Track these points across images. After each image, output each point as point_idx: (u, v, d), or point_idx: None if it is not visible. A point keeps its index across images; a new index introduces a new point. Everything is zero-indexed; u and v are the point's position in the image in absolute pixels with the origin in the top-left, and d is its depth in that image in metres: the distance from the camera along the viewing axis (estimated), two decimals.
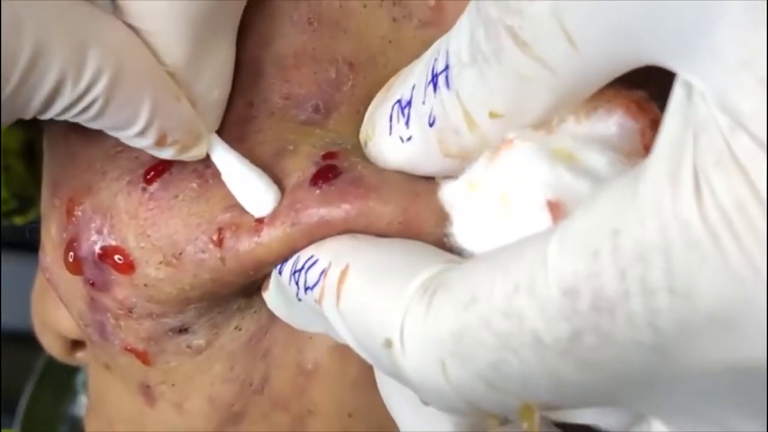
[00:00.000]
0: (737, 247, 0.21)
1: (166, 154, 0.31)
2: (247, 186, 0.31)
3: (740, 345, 0.22)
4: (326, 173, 0.31)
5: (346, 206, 0.30)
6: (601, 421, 0.27)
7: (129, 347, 0.35)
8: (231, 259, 0.32)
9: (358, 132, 0.32)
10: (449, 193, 0.29)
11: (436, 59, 0.28)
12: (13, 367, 0.66)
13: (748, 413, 0.23)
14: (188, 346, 0.35)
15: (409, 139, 0.29)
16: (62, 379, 0.61)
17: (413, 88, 0.29)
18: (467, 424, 0.29)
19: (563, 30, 0.24)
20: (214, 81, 0.31)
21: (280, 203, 0.31)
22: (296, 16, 0.32)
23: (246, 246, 0.31)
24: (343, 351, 0.34)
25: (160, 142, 0.30)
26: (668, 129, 0.23)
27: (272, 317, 0.34)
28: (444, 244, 0.29)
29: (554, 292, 0.23)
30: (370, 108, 0.32)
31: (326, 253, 0.29)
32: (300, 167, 0.32)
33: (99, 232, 0.33)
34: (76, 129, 0.33)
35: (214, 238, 0.32)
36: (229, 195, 0.32)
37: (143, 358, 0.35)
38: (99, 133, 0.31)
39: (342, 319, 0.28)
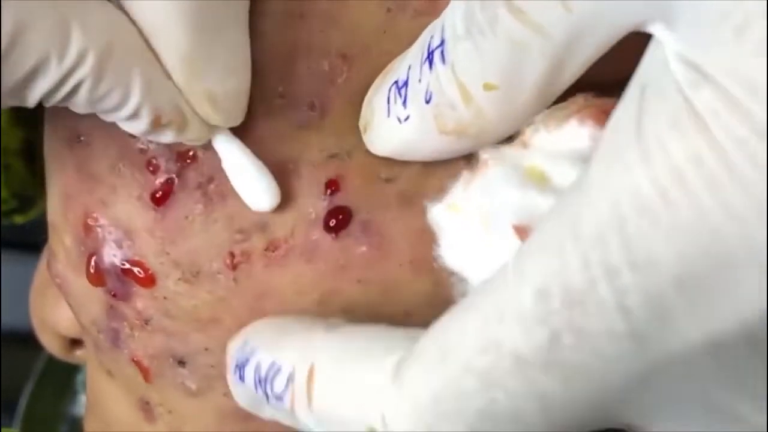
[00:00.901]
0: (692, 204, 0.21)
1: (166, 137, 0.30)
2: (249, 179, 0.31)
3: (717, 313, 0.21)
4: (336, 215, 0.31)
5: (362, 251, 0.31)
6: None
7: (136, 359, 0.35)
8: (244, 281, 0.32)
9: (353, 126, 0.32)
10: (435, 215, 0.29)
11: (432, 36, 0.28)
12: (13, 367, 0.66)
13: (737, 388, 0.22)
14: (182, 383, 0.35)
15: (406, 119, 0.29)
16: (62, 379, 0.62)
17: (409, 68, 0.29)
18: None
19: None
20: (228, 68, 0.30)
21: (294, 233, 0.32)
22: (288, 9, 0.32)
23: (260, 275, 0.32)
24: None
25: (156, 123, 0.30)
26: (617, 108, 0.23)
27: None
28: (434, 267, 0.29)
29: (527, 300, 0.23)
30: (368, 94, 0.32)
31: (286, 358, 0.29)
32: (307, 197, 0.32)
33: (120, 246, 0.33)
34: (78, 139, 0.33)
35: (228, 262, 0.32)
36: (236, 215, 0.32)
37: (145, 373, 0.35)
38: (101, 142, 0.30)
39: (317, 420, 0.28)
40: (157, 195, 0.33)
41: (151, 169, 0.32)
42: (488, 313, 0.23)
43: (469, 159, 0.29)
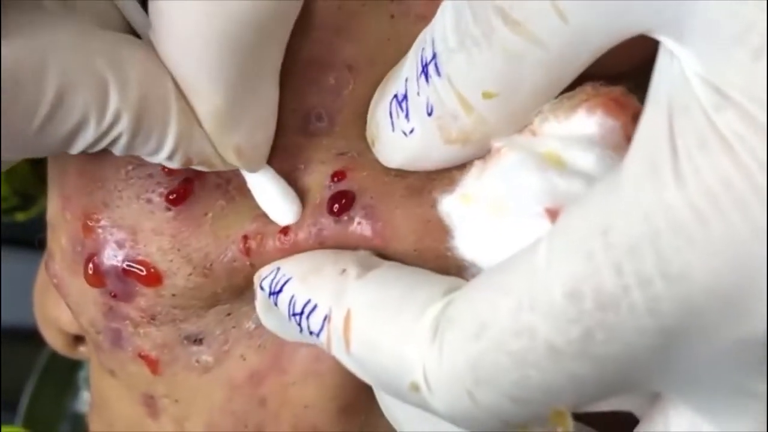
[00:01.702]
0: (723, 224, 0.21)
1: (200, 168, 0.31)
2: (273, 196, 0.32)
3: (745, 320, 0.22)
4: (339, 199, 0.32)
5: (366, 235, 0.31)
6: (624, 407, 0.28)
7: (143, 354, 0.35)
8: (260, 264, 0.32)
9: (362, 133, 0.32)
10: (446, 207, 0.29)
11: (423, 49, 0.28)
12: (14, 364, 0.66)
13: (760, 372, 0.23)
14: (197, 361, 0.35)
15: (411, 131, 0.29)
16: (64, 376, 0.62)
17: (406, 81, 0.29)
18: None
19: (554, 5, 0.24)
20: (257, 123, 0.31)
21: (303, 218, 0.32)
22: (295, 23, 0.32)
23: (273, 255, 0.32)
24: (347, 418, 0.34)
25: (187, 164, 0.31)
26: (645, 118, 0.23)
27: (272, 365, 0.34)
28: (448, 258, 0.29)
29: (558, 297, 0.23)
30: (371, 107, 0.32)
31: (323, 298, 0.30)
32: (315, 186, 0.32)
33: (121, 246, 0.33)
34: None
35: (241, 247, 0.32)
36: (254, 205, 0.32)
37: (153, 366, 0.35)
38: (108, 154, 0.31)
39: (354, 363, 0.28)
40: (172, 196, 0.33)
41: (166, 170, 0.32)
42: (521, 299, 0.24)
43: None
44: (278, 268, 0.31)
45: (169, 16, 0.29)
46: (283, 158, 0.32)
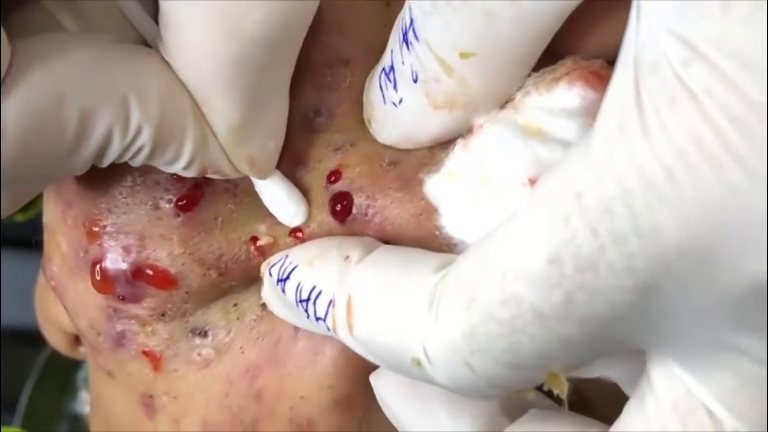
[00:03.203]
0: (694, 180, 0.21)
1: (213, 176, 0.32)
2: (280, 199, 0.33)
3: (721, 275, 0.22)
4: (340, 200, 0.32)
5: (369, 233, 0.32)
6: (608, 373, 0.29)
7: (146, 350, 0.35)
8: None
9: (360, 118, 0.33)
10: (432, 187, 0.30)
11: (402, 18, 0.29)
12: (13, 365, 0.66)
13: (742, 329, 0.24)
14: (199, 354, 0.35)
15: (400, 101, 0.30)
16: (63, 376, 0.61)
17: (392, 52, 0.30)
18: (484, 423, 0.31)
19: None
20: (269, 134, 0.32)
21: (311, 217, 0.33)
22: None
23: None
24: (342, 411, 0.34)
25: (202, 173, 0.31)
26: (614, 80, 0.23)
27: (269, 358, 0.34)
28: (437, 238, 0.30)
29: (539, 264, 0.24)
30: (365, 88, 0.32)
31: (328, 284, 0.30)
32: (315, 186, 0.33)
33: (129, 252, 0.33)
34: None
35: (253, 247, 0.33)
36: (263, 205, 0.33)
37: (155, 362, 0.35)
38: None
39: (359, 345, 0.29)
40: (181, 202, 0.33)
41: (175, 177, 0.33)
42: (505, 269, 0.25)
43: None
44: (286, 256, 0.32)
45: (182, 33, 0.29)
46: (285, 158, 0.33)
